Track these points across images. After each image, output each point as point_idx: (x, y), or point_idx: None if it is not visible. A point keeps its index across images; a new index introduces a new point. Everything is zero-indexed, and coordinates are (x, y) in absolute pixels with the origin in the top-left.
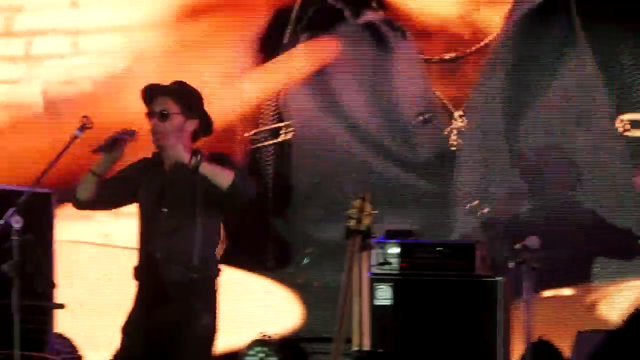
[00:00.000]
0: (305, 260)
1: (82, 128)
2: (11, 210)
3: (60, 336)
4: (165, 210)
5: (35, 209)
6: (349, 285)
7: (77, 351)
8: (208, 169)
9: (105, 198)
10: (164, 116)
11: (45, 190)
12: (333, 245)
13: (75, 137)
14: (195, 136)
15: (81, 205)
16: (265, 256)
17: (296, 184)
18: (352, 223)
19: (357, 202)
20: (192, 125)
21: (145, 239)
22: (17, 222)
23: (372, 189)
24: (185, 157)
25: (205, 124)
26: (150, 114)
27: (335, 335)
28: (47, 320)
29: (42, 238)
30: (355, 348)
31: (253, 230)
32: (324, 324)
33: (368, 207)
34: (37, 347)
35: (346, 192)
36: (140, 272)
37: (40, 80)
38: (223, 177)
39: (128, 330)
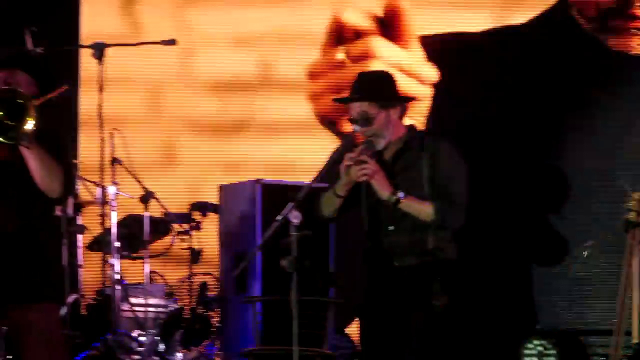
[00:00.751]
0: (585, 253)
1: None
2: (290, 205)
3: (338, 331)
4: (402, 195)
5: (314, 204)
6: (629, 278)
7: (355, 347)
8: (407, 205)
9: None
10: (367, 121)
11: (324, 185)
12: (612, 238)
13: (354, 131)
14: (402, 116)
15: (325, 220)
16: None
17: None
18: (632, 215)
19: (637, 195)
20: (395, 112)
21: (372, 226)
22: (295, 218)
23: None
24: (384, 193)
25: (407, 100)
26: (352, 122)
27: (615, 328)
28: (326, 315)
29: (321, 233)
30: (635, 341)
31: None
32: (602, 316)
33: None
34: (316, 343)
35: (624, 186)
36: (369, 258)
37: None
38: (424, 214)
39: (362, 312)
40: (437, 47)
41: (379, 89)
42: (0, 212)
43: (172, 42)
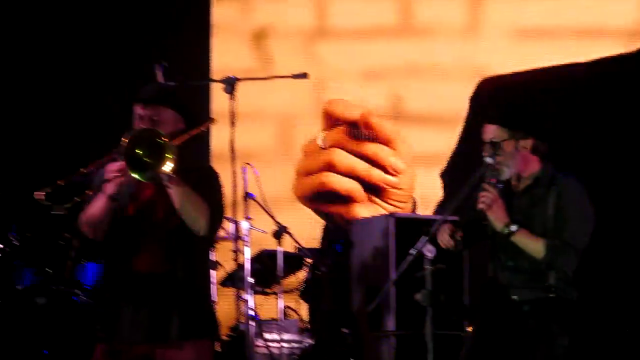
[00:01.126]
0: None
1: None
2: (424, 239)
3: None
4: (515, 228)
5: None
6: None
7: None
8: (518, 239)
9: None
10: (494, 147)
11: (455, 218)
12: None
13: (488, 165)
14: (535, 150)
15: (454, 252)
16: None
17: None
18: None
19: None
20: (527, 144)
21: (493, 259)
22: (429, 251)
23: None
24: (498, 224)
25: (541, 137)
26: (485, 145)
27: None
28: (460, 350)
29: (455, 266)
30: None
31: None
32: None
33: None
34: None
35: None
36: (487, 290)
37: None
38: (534, 250)
39: (473, 349)
40: (550, 78)
41: (514, 116)
42: (148, 253)
43: (303, 75)
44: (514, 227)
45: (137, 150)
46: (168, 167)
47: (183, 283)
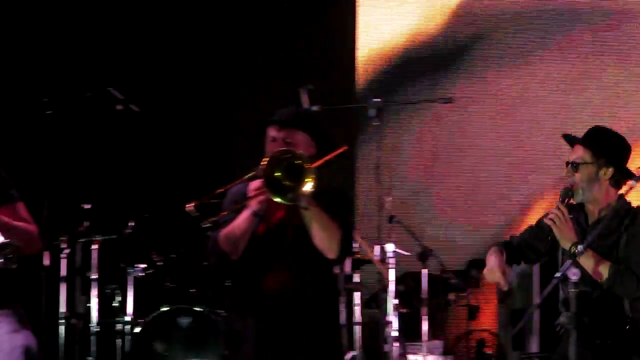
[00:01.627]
0: None
1: None
2: (568, 262)
3: None
4: (582, 248)
5: None
6: None
7: None
8: (584, 260)
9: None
10: (574, 166)
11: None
12: None
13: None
14: (616, 183)
15: None
16: None
17: None
18: None
19: None
20: (607, 173)
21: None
22: (574, 274)
23: None
24: (565, 243)
25: (623, 173)
26: (567, 163)
27: None
28: None
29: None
30: None
31: None
32: None
33: None
34: None
35: None
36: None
37: None
38: (598, 274)
39: None
40: None
41: (600, 143)
42: (278, 274)
43: (449, 100)
44: (580, 247)
45: (275, 173)
46: (307, 189)
47: (311, 305)
